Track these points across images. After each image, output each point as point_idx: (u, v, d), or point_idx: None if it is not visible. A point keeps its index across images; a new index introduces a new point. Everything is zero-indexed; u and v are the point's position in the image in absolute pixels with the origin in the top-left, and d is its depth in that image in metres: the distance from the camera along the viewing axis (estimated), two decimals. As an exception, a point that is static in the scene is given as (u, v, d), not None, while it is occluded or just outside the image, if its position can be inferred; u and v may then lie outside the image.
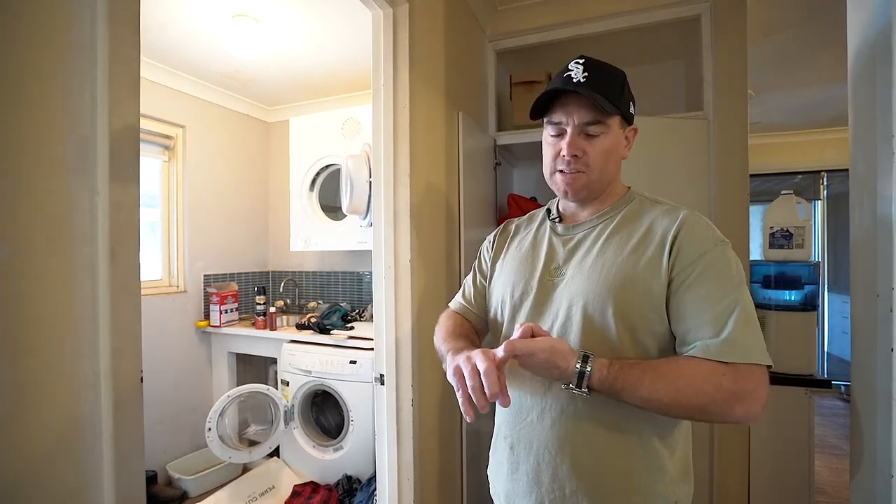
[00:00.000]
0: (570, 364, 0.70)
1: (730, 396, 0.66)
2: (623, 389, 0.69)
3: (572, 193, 0.84)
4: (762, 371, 0.68)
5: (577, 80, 0.79)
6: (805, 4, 2.01)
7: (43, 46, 0.46)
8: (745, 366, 0.67)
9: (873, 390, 0.74)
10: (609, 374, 0.69)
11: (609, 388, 0.69)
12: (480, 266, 1.05)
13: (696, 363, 0.68)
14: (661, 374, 0.68)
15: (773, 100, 3.24)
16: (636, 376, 0.68)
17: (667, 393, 0.67)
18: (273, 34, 2.15)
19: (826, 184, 4.29)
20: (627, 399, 0.70)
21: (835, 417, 3.59)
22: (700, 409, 0.68)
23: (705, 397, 0.67)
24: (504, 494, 0.88)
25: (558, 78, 0.83)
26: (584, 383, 0.69)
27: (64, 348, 0.47)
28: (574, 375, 0.69)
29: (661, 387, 0.67)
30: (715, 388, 0.66)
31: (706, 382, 0.67)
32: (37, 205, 0.45)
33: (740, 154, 1.73)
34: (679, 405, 0.68)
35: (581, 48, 2.12)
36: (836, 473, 2.69)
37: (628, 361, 0.71)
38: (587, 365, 0.69)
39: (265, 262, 3.34)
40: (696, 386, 0.67)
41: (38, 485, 0.45)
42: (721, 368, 0.67)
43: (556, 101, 0.82)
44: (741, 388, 0.66)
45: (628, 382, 0.68)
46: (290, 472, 2.52)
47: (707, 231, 0.76)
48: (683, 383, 0.67)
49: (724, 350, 0.67)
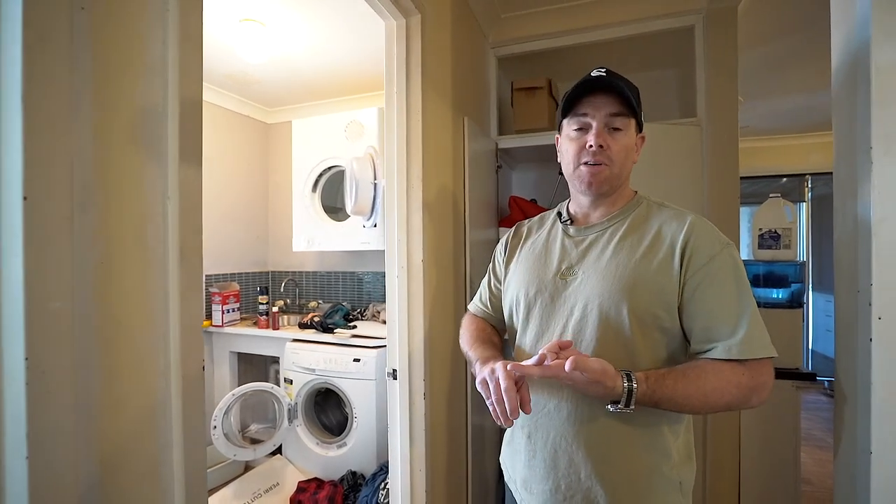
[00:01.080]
0: (618, 383, 0.74)
1: (748, 391, 0.75)
2: (661, 401, 0.75)
3: (596, 185, 0.89)
4: (770, 362, 0.77)
5: (604, 76, 0.87)
6: (791, 18, 2.11)
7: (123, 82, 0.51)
8: (757, 361, 0.76)
9: (854, 377, 0.81)
10: (648, 388, 0.75)
11: (649, 400, 0.75)
12: (495, 269, 1.11)
13: (718, 367, 0.76)
14: (690, 382, 0.75)
15: (761, 106, 3.36)
16: (670, 387, 0.75)
17: (698, 398, 0.75)
18: (278, 38, 2.19)
19: (811, 186, 4.43)
20: (664, 407, 0.77)
21: (819, 412, 3.72)
22: (725, 406, 0.77)
23: (729, 396, 0.75)
24: (521, 480, 0.94)
25: (583, 80, 0.89)
26: (632, 401, 0.74)
27: (143, 341, 0.53)
28: (624, 394, 0.74)
29: (692, 393, 0.75)
30: (736, 387, 0.75)
31: (729, 384, 0.75)
32: (121, 213, 0.51)
33: (731, 158, 1.82)
34: (708, 406, 0.76)
35: (580, 56, 2.21)
36: (821, 464, 2.81)
37: (659, 372, 0.77)
38: (633, 382, 0.74)
39: (265, 263, 3.37)
40: (722, 388, 0.75)
41: (128, 459, 0.50)
42: (739, 369, 0.75)
43: (582, 99, 0.89)
44: (756, 383, 0.76)
45: (665, 394, 0.75)
46: (294, 468, 2.56)
47: (713, 235, 0.83)
48: (710, 388, 0.75)
49: (742, 349, 0.75)
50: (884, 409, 0.74)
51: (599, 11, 1.98)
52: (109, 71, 0.49)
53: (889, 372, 0.74)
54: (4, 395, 0.42)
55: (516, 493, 0.97)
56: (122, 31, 0.51)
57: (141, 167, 0.52)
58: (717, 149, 1.82)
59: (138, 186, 0.52)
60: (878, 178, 0.76)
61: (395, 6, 1.26)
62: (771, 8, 2.05)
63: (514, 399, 0.74)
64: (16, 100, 0.41)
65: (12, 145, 0.41)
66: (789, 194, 4.34)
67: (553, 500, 0.86)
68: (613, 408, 0.77)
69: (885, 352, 0.75)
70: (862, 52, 0.81)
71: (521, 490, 0.94)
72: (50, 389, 0.43)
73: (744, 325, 0.76)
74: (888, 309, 0.75)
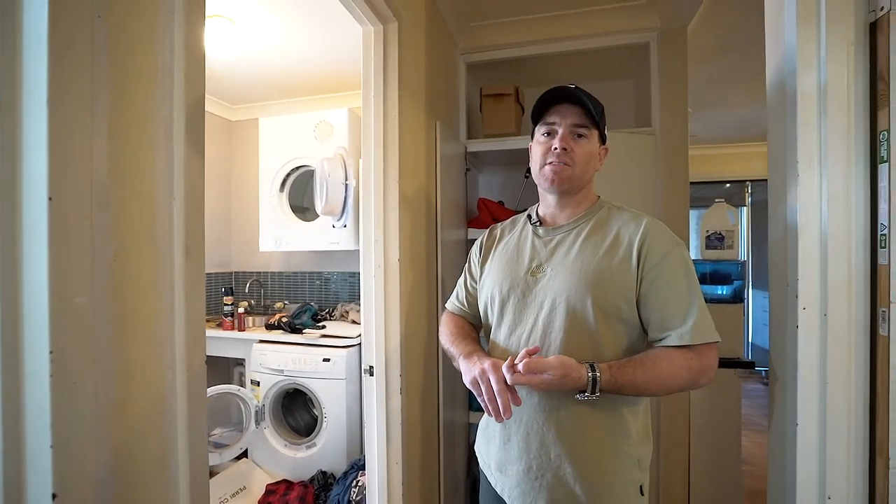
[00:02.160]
0: (583, 373, 0.83)
1: (697, 373, 0.87)
2: (622, 386, 0.85)
3: (558, 183, 0.98)
4: (715, 347, 0.90)
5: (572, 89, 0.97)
6: (734, 40, 2.31)
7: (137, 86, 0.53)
8: (704, 346, 0.87)
9: (784, 360, 0.94)
10: (610, 376, 0.84)
11: (612, 387, 0.85)
12: (471, 269, 1.17)
13: (671, 354, 0.87)
14: (647, 369, 0.86)
15: (707, 117, 3.62)
16: (630, 374, 0.85)
17: (655, 383, 0.85)
18: (248, 35, 2.17)
19: (750, 192, 4.81)
20: (626, 393, 0.86)
21: (757, 399, 4.04)
22: (679, 388, 0.88)
23: (681, 379, 0.86)
24: (496, 463, 1.01)
25: (554, 87, 0.99)
26: (597, 388, 0.83)
27: (152, 334, 0.55)
28: (589, 383, 0.83)
29: (649, 378, 0.85)
30: (687, 370, 0.86)
31: (681, 368, 0.86)
32: (134, 212, 0.53)
33: (682, 165, 1.97)
34: (664, 389, 0.87)
35: (545, 65, 2.32)
36: (759, 446, 3.07)
37: (620, 362, 0.87)
38: (597, 371, 0.84)
39: (228, 263, 3.29)
40: (675, 373, 0.86)
41: (139, 448, 0.53)
42: (689, 354, 0.87)
43: (552, 108, 0.99)
44: (703, 365, 0.87)
45: (625, 380, 0.85)
46: (262, 471, 2.52)
47: (666, 235, 0.94)
48: (665, 373, 0.86)
49: (692, 336, 0.86)
50: (807, 386, 0.86)
51: (562, 24, 2.09)
52: (124, 76, 0.51)
53: (811, 354, 0.86)
54: (28, 387, 0.44)
55: (491, 476, 1.04)
56: (134, 39, 0.53)
57: (151, 168, 0.55)
58: (669, 156, 1.97)
59: (148, 187, 0.54)
60: (802, 188, 0.88)
61: (374, 13, 1.30)
62: (716, 30, 2.24)
63: (507, 399, 0.82)
64: (41, 104, 0.43)
65: (38, 147, 0.43)
66: (732, 199, 4.68)
67: (526, 480, 0.93)
68: (581, 396, 0.85)
69: (808, 337, 0.87)
70: (790, 78, 0.93)
71: (496, 473, 1.01)
72: (73, 381, 0.45)
73: (692, 314, 0.87)
74: (810, 300, 0.87)
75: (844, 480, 0.83)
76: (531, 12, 2.10)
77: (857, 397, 0.84)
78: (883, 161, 0.82)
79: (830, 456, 0.84)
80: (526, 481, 0.94)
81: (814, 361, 0.86)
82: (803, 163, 0.88)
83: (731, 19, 2.15)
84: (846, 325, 0.85)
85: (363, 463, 2.19)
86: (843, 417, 0.84)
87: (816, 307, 0.87)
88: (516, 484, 0.95)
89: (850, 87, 0.85)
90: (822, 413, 0.85)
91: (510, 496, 0.96)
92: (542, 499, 0.91)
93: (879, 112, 0.83)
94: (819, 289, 0.87)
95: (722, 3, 2.00)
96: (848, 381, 0.84)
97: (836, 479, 0.83)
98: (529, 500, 0.93)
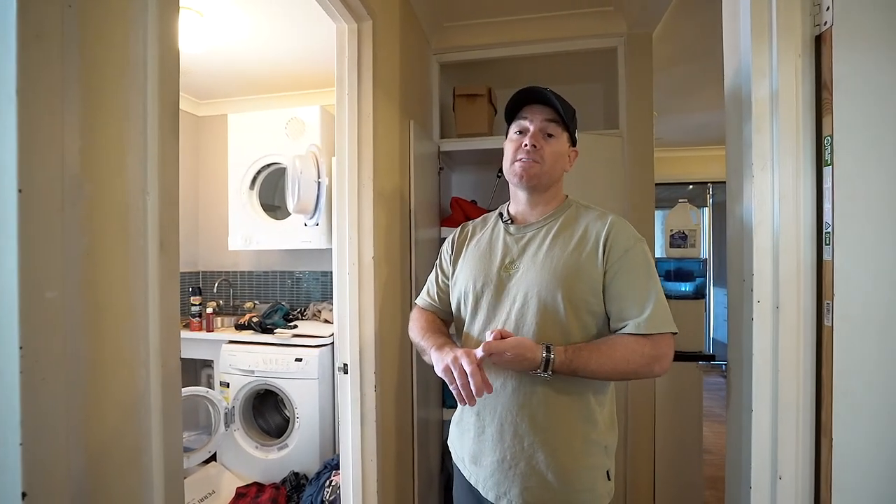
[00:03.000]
0: (538, 354, 0.88)
1: (651, 360, 0.91)
2: (577, 369, 0.89)
3: (526, 179, 1.02)
4: (671, 337, 0.94)
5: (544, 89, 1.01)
6: (695, 47, 2.42)
7: (109, 80, 0.53)
8: (660, 335, 0.92)
9: (741, 349, 1.00)
10: (566, 357, 0.89)
11: (567, 368, 0.89)
12: (442, 266, 1.19)
13: (626, 340, 0.91)
14: (602, 353, 0.90)
15: (671, 120, 3.77)
16: (585, 357, 0.89)
17: (609, 365, 0.90)
18: (216, 29, 2.12)
19: (712, 193, 5.03)
20: (581, 374, 0.90)
21: (718, 391, 4.24)
22: (632, 373, 0.92)
23: (634, 364, 0.90)
24: (470, 456, 1.03)
25: (527, 87, 1.03)
26: (549, 368, 0.88)
27: (126, 330, 0.54)
28: (542, 363, 0.87)
29: (604, 362, 0.89)
30: (640, 356, 0.90)
31: (634, 353, 0.90)
32: (106, 206, 0.52)
33: (648, 166, 2.05)
34: (617, 372, 0.91)
35: (517, 67, 2.36)
36: (719, 437, 3.22)
37: (577, 345, 0.91)
38: (551, 353, 0.88)
39: (195, 262, 3.20)
40: (627, 357, 0.90)
41: (112, 446, 0.52)
42: (643, 341, 0.91)
43: (525, 107, 1.03)
44: (658, 353, 0.92)
45: (580, 363, 0.89)
46: (231, 475, 2.47)
47: (629, 232, 0.99)
48: (619, 357, 0.90)
49: (648, 326, 0.91)
50: (761, 374, 0.92)
51: (533, 27, 2.14)
52: (95, 68, 0.50)
53: (765, 344, 0.92)
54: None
55: (464, 469, 1.06)
56: (106, 30, 0.52)
57: (124, 162, 0.54)
58: (636, 157, 2.05)
59: (122, 180, 0.54)
60: (757, 189, 0.94)
61: (349, 11, 1.30)
62: (679, 39, 2.34)
63: (480, 380, 0.84)
64: (10, 94, 0.42)
65: (7, 139, 0.42)
66: (695, 200, 4.89)
67: (500, 470, 0.96)
68: (534, 373, 0.89)
69: (762, 328, 0.93)
70: (745, 85, 1.00)
71: (470, 465, 1.03)
72: (43, 377, 0.44)
73: (650, 306, 0.92)
74: (764, 293, 0.93)
75: (793, 460, 0.89)
76: (503, 14, 2.13)
77: (804, 383, 0.90)
78: (827, 164, 0.89)
79: (781, 438, 0.90)
80: (500, 471, 0.96)
81: (767, 351, 0.93)
82: (757, 165, 0.94)
83: (693, 29, 2.25)
84: (796, 317, 0.91)
85: (336, 462, 2.17)
86: (792, 402, 0.90)
87: (770, 300, 0.93)
88: (490, 474, 0.98)
89: (799, 95, 0.92)
90: (775, 399, 0.91)
91: (484, 487, 0.99)
92: (515, 487, 0.94)
93: (824, 118, 0.89)
94: (772, 283, 0.93)
95: (684, 14, 2.09)
96: (797, 369, 0.91)
97: (786, 460, 0.89)
98: (503, 489, 0.95)
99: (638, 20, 2.00)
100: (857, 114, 0.85)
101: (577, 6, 2.06)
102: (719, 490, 2.43)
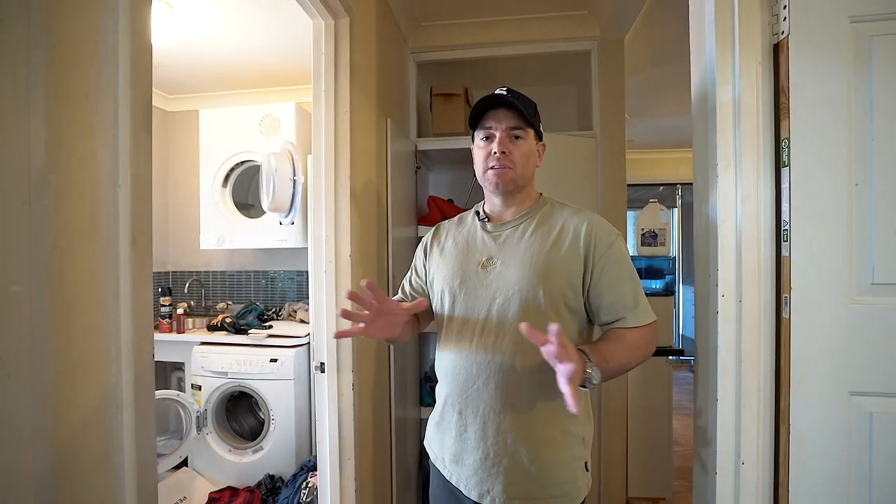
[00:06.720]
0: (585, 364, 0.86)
1: (651, 344, 0.99)
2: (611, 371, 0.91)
3: (502, 185, 1.03)
4: (656, 323, 1.00)
5: (505, 95, 1.02)
6: (664, 52, 2.50)
7: (79, 67, 0.51)
8: (650, 324, 0.98)
9: (707, 342, 1.04)
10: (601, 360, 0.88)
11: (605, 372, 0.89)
12: (416, 266, 1.20)
13: (633, 334, 0.97)
14: (622, 348, 0.95)
15: (642, 123, 3.88)
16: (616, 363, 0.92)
17: (630, 359, 0.95)
18: (187, 22, 2.06)
19: (681, 194, 5.19)
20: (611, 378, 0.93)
21: (687, 386, 4.37)
22: (643, 358, 0.98)
23: (645, 350, 0.98)
24: (451, 455, 1.02)
25: (487, 96, 1.03)
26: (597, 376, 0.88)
27: (95, 327, 0.53)
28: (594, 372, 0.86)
29: (626, 356, 0.95)
30: (647, 344, 0.98)
31: (642, 340, 0.97)
32: (75, 197, 0.51)
33: (620, 167, 2.11)
34: (635, 361, 0.97)
35: (493, 67, 2.39)
36: (688, 429, 3.32)
37: (596, 346, 0.94)
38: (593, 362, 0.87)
39: (164, 262, 3.10)
40: (640, 345, 0.97)
41: (81, 444, 0.50)
42: (643, 331, 0.98)
43: (488, 113, 1.04)
44: (653, 338, 1.00)
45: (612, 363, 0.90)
46: (204, 480, 2.40)
47: (608, 227, 1.02)
48: (635, 348, 0.96)
49: (644, 317, 0.97)
50: (725, 364, 0.97)
51: (509, 29, 2.17)
52: (62, 57, 0.49)
53: (729, 335, 0.97)
54: (-44, 381, 0.41)
55: (445, 470, 1.05)
56: (75, 18, 0.51)
57: (93, 154, 0.52)
58: (608, 159, 2.10)
59: (91, 173, 0.52)
60: (721, 189, 0.99)
61: (325, 7, 1.29)
62: (649, 44, 2.42)
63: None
64: (-28, 82, 0.41)
65: (-32, 127, 0.41)
66: (665, 200, 5.04)
67: (483, 467, 0.97)
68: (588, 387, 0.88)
69: (725, 321, 0.97)
70: (710, 90, 1.04)
71: (451, 465, 1.03)
72: (7, 374, 0.43)
73: (640, 297, 0.98)
74: (728, 288, 0.98)
75: (755, 446, 0.94)
76: (480, 15, 2.16)
77: (765, 372, 0.95)
78: (785, 165, 0.94)
79: (744, 425, 0.94)
80: (483, 469, 0.97)
81: (731, 342, 0.97)
82: (722, 166, 0.99)
83: (663, 34, 2.33)
84: (757, 310, 0.96)
85: (313, 463, 2.15)
86: (754, 390, 0.95)
87: (733, 294, 0.98)
88: (473, 473, 0.98)
89: (759, 100, 0.96)
90: (738, 387, 0.96)
91: (467, 485, 0.99)
92: (499, 483, 0.95)
93: (782, 122, 0.95)
94: (735, 278, 0.98)
95: (654, 20, 2.16)
96: (758, 359, 0.95)
97: (748, 446, 0.94)
98: (486, 486, 0.96)
99: (610, 25, 2.05)
100: (811, 118, 0.90)
101: (552, 9, 2.10)
102: (688, 480, 2.51)
